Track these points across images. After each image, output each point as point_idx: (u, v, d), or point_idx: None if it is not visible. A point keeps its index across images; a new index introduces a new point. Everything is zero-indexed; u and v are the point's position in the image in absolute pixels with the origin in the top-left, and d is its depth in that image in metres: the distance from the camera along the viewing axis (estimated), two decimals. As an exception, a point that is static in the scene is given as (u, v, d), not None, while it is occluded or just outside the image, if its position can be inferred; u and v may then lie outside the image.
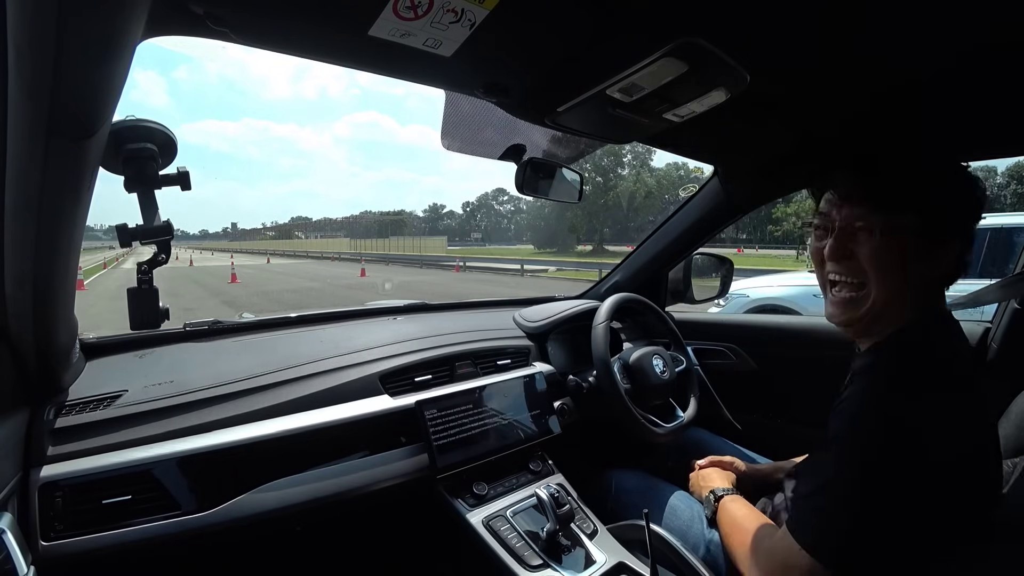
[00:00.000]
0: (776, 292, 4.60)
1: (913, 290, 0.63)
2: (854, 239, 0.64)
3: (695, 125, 0.78)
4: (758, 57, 0.63)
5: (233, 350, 1.02)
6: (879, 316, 0.64)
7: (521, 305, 1.46)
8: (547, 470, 1.05)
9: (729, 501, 0.83)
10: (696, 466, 0.99)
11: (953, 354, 0.64)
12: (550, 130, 0.85)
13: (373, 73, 0.67)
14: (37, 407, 0.73)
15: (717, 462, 0.99)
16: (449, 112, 0.87)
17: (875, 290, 0.63)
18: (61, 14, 0.36)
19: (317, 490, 0.82)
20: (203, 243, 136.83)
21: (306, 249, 64.14)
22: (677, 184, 49.00)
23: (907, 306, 0.64)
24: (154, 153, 0.62)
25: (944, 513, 0.56)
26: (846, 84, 0.73)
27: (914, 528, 0.55)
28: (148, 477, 0.72)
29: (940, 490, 0.55)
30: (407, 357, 1.03)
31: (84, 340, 0.90)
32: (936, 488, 0.55)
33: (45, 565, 0.64)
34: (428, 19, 0.52)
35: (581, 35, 0.60)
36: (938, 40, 0.59)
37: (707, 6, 0.54)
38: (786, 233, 34.15)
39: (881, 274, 0.63)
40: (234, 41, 0.55)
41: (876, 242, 0.62)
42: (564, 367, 1.23)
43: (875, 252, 0.62)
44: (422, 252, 42.25)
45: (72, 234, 0.57)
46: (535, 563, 0.81)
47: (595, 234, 49.01)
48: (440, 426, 0.94)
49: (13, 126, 0.44)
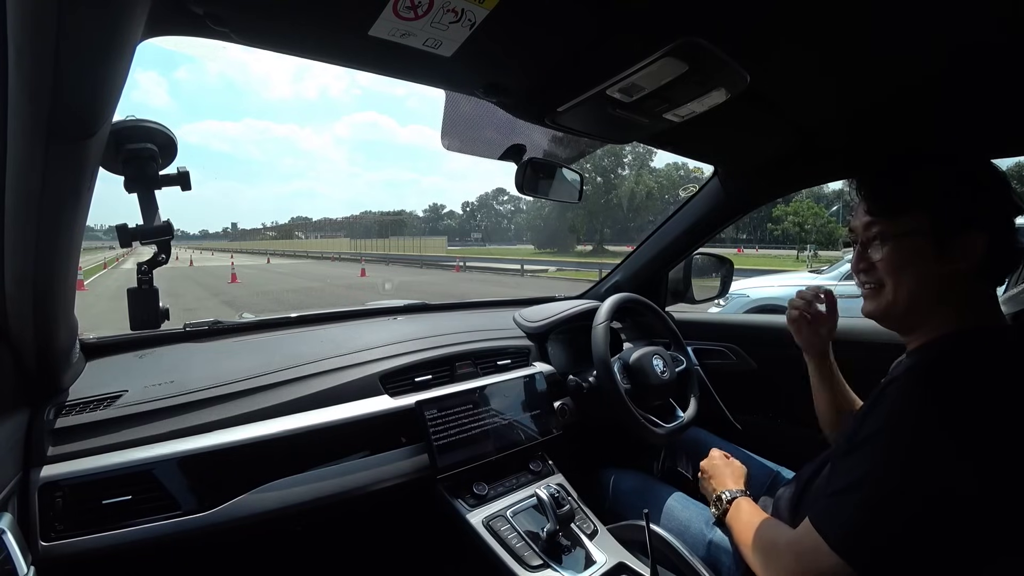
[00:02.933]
0: (776, 292, 4.61)
1: (942, 289, 0.63)
2: (872, 248, 0.67)
3: (695, 125, 0.78)
4: (758, 57, 0.63)
5: (233, 350, 1.02)
6: (909, 313, 0.66)
7: (521, 305, 1.46)
8: (547, 470, 1.05)
9: (744, 502, 0.81)
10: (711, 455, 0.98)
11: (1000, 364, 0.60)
12: (550, 130, 0.85)
13: (373, 73, 0.67)
14: (37, 407, 0.73)
15: None
16: (449, 112, 0.87)
17: (892, 293, 0.66)
18: (61, 14, 0.36)
19: (317, 490, 0.82)
20: (203, 243, 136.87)
21: (306, 249, 64.18)
22: (677, 184, 49.00)
23: (944, 306, 0.63)
24: (154, 153, 0.62)
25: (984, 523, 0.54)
26: (846, 84, 0.73)
27: (951, 538, 0.53)
28: (148, 477, 0.72)
29: (978, 501, 0.53)
30: (407, 357, 1.03)
31: (84, 340, 0.90)
32: (973, 499, 0.53)
33: (45, 565, 0.64)
34: (428, 19, 0.52)
35: (581, 35, 0.60)
36: (939, 38, 0.59)
37: (707, 6, 0.54)
38: (786, 233, 34.16)
39: (895, 278, 0.65)
40: (234, 41, 0.55)
41: (887, 248, 0.65)
42: (564, 367, 1.23)
43: (886, 258, 0.65)
44: (422, 252, 42.28)
45: (72, 234, 0.57)
46: (535, 563, 0.81)
47: (595, 234, 49.01)
48: (440, 426, 0.94)
49: (13, 126, 0.44)
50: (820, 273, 4.72)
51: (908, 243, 0.64)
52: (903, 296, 0.65)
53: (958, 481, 0.53)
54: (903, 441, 0.56)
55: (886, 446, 0.57)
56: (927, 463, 0.54)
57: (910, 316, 0.66)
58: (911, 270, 0.64)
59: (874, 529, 0.55)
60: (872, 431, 0.59)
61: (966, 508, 0.53)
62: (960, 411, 0.55)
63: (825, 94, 0.78)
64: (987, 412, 0.54)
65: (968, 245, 0.61)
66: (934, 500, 0.53)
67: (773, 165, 1.12)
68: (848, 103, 0.80)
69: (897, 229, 0.64)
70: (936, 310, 0.64)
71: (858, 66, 0.67)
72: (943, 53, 0.62)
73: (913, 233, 0.63)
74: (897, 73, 0.68)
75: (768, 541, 0.69)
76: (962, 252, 0.61)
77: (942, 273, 0.62)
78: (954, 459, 0.53)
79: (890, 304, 0.66)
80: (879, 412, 0.60)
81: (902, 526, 0.54)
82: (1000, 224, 0.62)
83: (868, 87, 0.73)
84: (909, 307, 0.65)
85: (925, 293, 0.64)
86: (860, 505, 0.56)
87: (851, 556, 0.55)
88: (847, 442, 0.62)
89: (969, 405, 0.55)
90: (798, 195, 29.95)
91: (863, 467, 0.58)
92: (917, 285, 0.64)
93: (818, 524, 0.58)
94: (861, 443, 0.59)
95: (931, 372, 0.60)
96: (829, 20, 0.56)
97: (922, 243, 0.63)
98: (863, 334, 1.17)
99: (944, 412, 0.55)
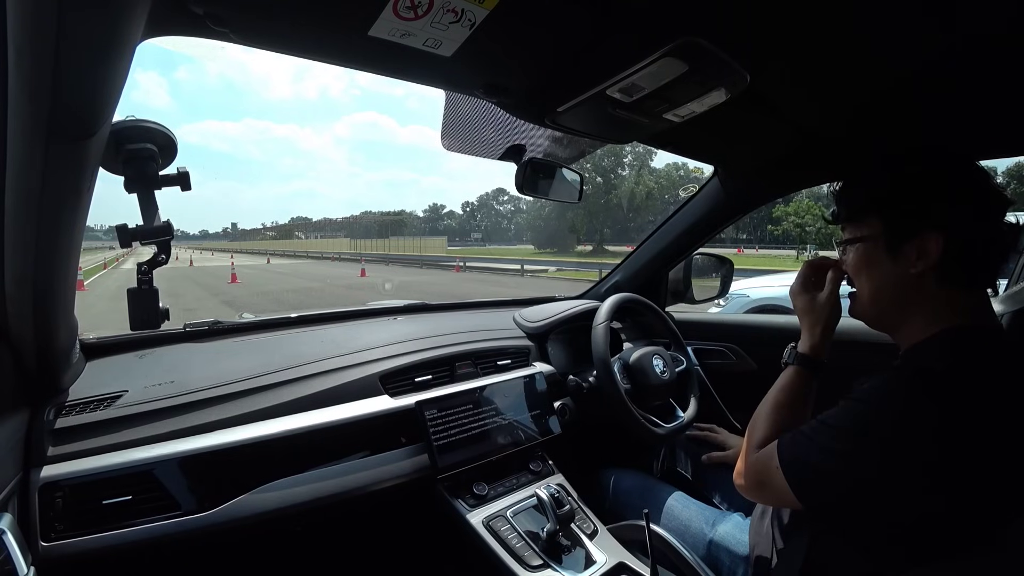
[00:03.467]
0: (776, 292, 4.60)
1: (905, 290, 0.64)
2: (845, 252, 0.72)
3: (695, 125, 0.78)
4: (758, 57, 0.63)
5: (233, 350, 1.02)
6: (880, 314, 0.68)
7: (521, 305, 1.46)
8: (547, 470, 1.05)
9: (787, 374, 0.78)
10: None
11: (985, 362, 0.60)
12: (550, 130, 0.85)
13: (373, 73, 0.67)
14: (37, 407, 0.73)
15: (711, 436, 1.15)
16: (449, 112, 0.87)
17: (859, 295, 0.70)
18: (61, 14, 0.36)
19: (317, 490, 0.82)
20: (203, 243, 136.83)
21: (306, 249, 64.17)
22: (677, 184, 49.01)
23: (912, 306, 0.64)
24: (154, 153, 0.62)
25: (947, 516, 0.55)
26: (846, 83, 0.73)
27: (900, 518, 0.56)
28: (149, 477, 0.72)
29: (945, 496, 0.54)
30: (407, 357, 1.03)
31: (84, 340, 0.90)
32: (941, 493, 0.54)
33: (45, 565, 0.64)
34: (428, 19, 0.52)
35: (581, 35, 0.60)
36: (940, 35, 0.59)
37: (707, 6, 0.54)
38: (786, 233, 34.15)
39: (858, 281, 0.70)
40: (234, 41, 0.55)
41: (850, 253, 0.70)
42: (564, 367, 1.23)
43: (850, 262, 0.70)
44: (422, 252, 42.28)
45: (72, 234, 0.57)
46: (535, 563, 0.81)
47: (595, 234, 49.02)
48: (440, 426, 0.94)
49: (13, 126, 0.44)
50: (820, 273, 4.71)
51: (864, 247, 0.67)
52: (866, 298, 0.68)
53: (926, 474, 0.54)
54: (869, 410, 0.59)
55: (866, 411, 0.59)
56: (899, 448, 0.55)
57: (883, 317, 0.69)
58: (868, 273, 0.67)
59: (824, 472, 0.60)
60: (854, 400, 0.61)
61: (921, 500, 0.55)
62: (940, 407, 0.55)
63: (825, 94, 0.78)
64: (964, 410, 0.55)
65: (921, 247, 0.61)
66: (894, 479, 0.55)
67: (773, 165, 1.12)
68: (848, 103, 0.80)
69: (855, 234, 0.68)
70: (908, 311, 0.65)
71: (858, 66, 0.67)
72: (944, 50, 0.62)
73: (867, 238, 0.66)
74: (897, 72, 0.68)
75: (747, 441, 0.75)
76: (916, 254, 0.62)
77: (899, 275, 0.64)
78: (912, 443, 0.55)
79: (859, 305, 0.70)
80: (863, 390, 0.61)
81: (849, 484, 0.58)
82: (962, 225, 0.60)
83: (868, 86, 0.73)
84: (876, 309, 0.68)
85: (887, 295, 0.66)
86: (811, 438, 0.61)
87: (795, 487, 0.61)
88: None
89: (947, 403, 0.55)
90: (798, 195, 29.99)
91: (838, 416, 0.61)
92: (877, 287, 0.67)
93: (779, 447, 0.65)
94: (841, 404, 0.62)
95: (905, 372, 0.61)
96: (829, 20, 0.56)
97: (875, 247, 0.65)
98: (862, 334, 1.17)
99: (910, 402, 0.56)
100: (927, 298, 0.63)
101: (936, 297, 0.63)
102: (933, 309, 0.63)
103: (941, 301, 0.63)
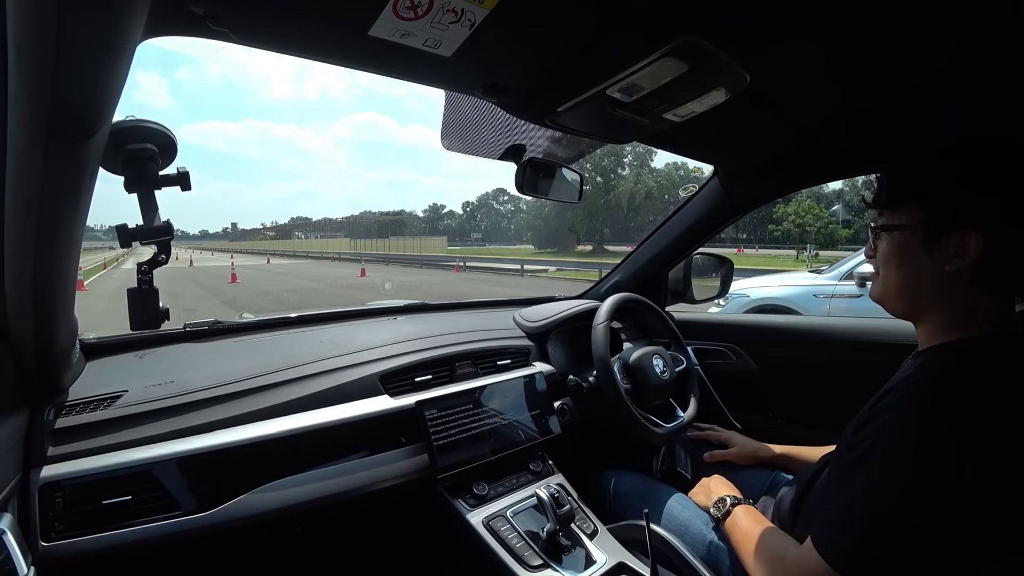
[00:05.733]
0: (776, 292, 4.60)
1: (933, 287, 0.62)
2: (877, 238, 0.69)
3: (695, 125, 0.78)
4: (758, 57, 0.63)
5: (233, 350, 1.02)
6: (903, 305, 0.67)
7: (521, 305, 1.46)
8: (547, 470, 1.05)
9: (742, 511, 0.81)
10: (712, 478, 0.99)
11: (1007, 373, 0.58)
12: (550, 130, 0.85)
13: (373, 73, 0.67)
14: (37, 407, 0.73)
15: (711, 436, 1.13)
16: (449, 112, 0.87)
17: (883, 283, 0.68)
18: (61, 14, 0.36)
19: (317, 490, 0.82)
20: (203, 243, 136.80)
21: (306, 249, 64.19)
22: (677, 184, 49.01)
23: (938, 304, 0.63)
24: (154, 153, 0.62)
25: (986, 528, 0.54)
26: (846, 83, 0.73)
27: (950, 547, 0.54)
28: (148, 477, 0.72)
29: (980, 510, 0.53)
30: (407, 357, 1.03)
31: (84, 340, 0.90)
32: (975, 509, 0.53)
33: (45, 565, 0.64)
34: (428, 19, 0.52)
35: (581, 35, 0.60)
36: (940, 36, 0.58)
37: (707, 6, 0.54)
38: (786, 233, 34.16)
39: (884, 269, 0.67)
40: (234, 41, 0.55)
41: (883, 240, 0.67)
42: (564, 367, 1.23)
43: (880, 249, 0.68)
44: (422, 252, 42.29)
45: (72, 234, 0.57)
46: (535, 563, 0.81)
47: (595, 234, 49.00)
48: (440, 426, 0.94)
49: (13, 126, 0.44)
50: (820, 273, 4.71)
51: (899, 236, 0.65)
52: (892, 288, 0.67)
53: (950, 499, 0.53)
54: (896, 458, 0.56)
55: (880, 463, 0.57)
56: (919, 482, 0.54)
57: (905, 307, 0.68)
58: (899, 263, 0.65)
59: (874, 545, 0.55)
60: (870, 444, 0.58)
61: (962, 521, 0.53)
62: (954, 425, 0.54)
63: (825, 94, 0.78)
64: (979, 425, 0.54)
65: (961, 244, 0.59)
66: (931, 516, 0.53)
67: (773, 165, 1.12)
68: (848, 102, 0.80)
69: (892, 222, 0.65)
70: (932, 307, 0.64)
71: (858, 65, 0.67)
72: (944, 51, 0.61)
73: (905, 227, 0.64)
74: (897, 72, 0.68)
75: (775, 554, 0.68)
76: (954, 251, 0.59)
77: (932, 271, 0.62)
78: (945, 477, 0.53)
79: (881, 293, 0.69)
80: (877, 424, 0.59)
81: (902, 540, 0.54)
82: (1008, 226, 0.57)
83: (868, 86, 0.73)
84: (900, 299, 0.67)
85: (913, 289, 0.65)
86: (853, 525, 0.57)
87: None
88: (847, 450, 0.62)
89: (960, 420, 0.54)
90: (798, 195, 29.99)
91: (862, 484, 0.58)
92: (905, 279, 0.65)
93: (820, 545, 0.59)
94: (859, 459, 0.59)
95: (924, 383, 0.59)
96: (829, 19, 0.56)
97: (913, 238, 0.63)
98: (862, 334, 1.18)
99: (934, 427, 0.54)
100: (955, 298, 0.61)
101: (965, 298, 0.61)
102: (958, 310, 0.61)
103: (969, 304, 0.61)
